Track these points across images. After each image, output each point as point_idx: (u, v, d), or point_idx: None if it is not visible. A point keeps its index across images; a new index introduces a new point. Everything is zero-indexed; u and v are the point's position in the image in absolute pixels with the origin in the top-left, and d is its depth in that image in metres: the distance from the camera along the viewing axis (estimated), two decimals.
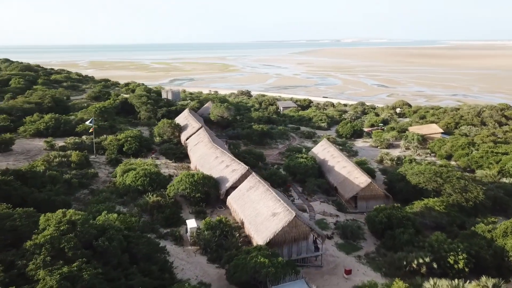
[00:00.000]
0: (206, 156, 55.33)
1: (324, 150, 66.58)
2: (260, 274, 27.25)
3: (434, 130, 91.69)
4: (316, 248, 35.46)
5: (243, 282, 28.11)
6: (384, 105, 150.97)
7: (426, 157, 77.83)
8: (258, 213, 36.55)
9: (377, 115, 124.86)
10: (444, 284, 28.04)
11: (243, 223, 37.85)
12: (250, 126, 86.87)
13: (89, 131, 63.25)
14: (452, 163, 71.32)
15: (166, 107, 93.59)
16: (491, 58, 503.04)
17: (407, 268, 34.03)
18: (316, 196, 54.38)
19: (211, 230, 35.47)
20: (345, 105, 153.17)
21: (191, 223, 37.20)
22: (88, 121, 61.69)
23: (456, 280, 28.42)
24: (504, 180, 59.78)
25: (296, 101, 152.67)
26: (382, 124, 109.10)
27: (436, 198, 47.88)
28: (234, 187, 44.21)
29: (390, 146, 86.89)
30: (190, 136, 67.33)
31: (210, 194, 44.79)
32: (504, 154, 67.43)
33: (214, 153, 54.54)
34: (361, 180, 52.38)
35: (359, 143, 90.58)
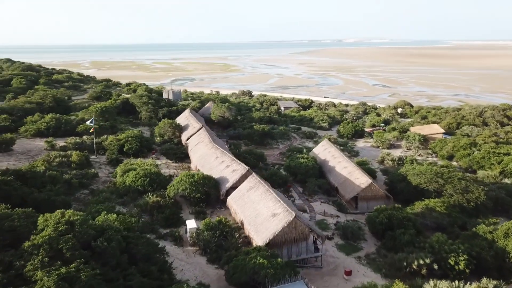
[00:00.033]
0: (207, 156, 55.26)
1: (325, 151, 66.45)
2: (259, 275, 27.16)
3: (435, 130, 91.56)
4: (316, 249, 35.39)
5: (242, 283, 28.04)
6: (386, 105, 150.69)
7: (427, 157, 77.62)
8: (258, 213, 36.44)
9: (378, 115, 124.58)
10: (444, 286, 27.88)
11: (243, 224, 37.76)
12: (251, 126, 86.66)
13: (89, 131, 63.28)
14: (454, 163, 71.07)
15: (167, 107, 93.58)
16: (492, 58, 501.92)
17: (407, 269, 33.90)
18: (317, 196, 54.28)
19: (210, 231, 35.39)
20: (346, 105, 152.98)
21: (191, 224, 37.15)
22: (88, 121, 61.72)
23: (457, 282, 28.23)
24: (506, 180, 59.56)
25: (297, 101, 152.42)
26: (384, 124, 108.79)
27: (437, 198, 47.77)
28: (234, 187, 44.13)
29: (392, 147, 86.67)
30: (191, 136, 67.26)
31: (210, 194, 44.71)
32: (506, 154, 67.13)
33: (215, 153, 54.46)
34: (362, 180, 52.24)
35: (361, 144, 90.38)
